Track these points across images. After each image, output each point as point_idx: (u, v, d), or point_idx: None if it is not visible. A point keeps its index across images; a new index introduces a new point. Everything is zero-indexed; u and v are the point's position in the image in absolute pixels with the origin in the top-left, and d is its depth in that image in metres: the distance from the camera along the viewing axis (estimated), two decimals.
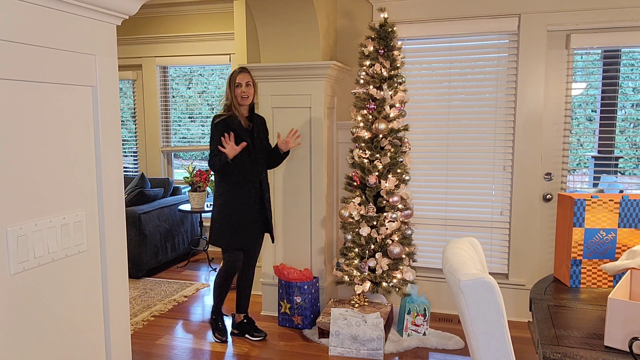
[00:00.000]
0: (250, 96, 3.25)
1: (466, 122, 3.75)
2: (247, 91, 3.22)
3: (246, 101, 3.24)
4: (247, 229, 3.26)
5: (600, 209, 2.05)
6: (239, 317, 3.51)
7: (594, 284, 2.10)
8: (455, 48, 3.73)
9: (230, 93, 3.24)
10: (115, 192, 1.43)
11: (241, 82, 3.22)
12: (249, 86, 3.24)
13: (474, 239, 1.95)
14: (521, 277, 3.71)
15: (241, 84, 3.22)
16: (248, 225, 3.26)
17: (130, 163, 6.28)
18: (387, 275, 3.34)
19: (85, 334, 1.35)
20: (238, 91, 3.22)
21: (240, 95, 3.22)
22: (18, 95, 1.12)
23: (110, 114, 1.39)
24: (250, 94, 3.25)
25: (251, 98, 3.27)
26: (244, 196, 3.23)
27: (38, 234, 1.18)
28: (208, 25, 5.66)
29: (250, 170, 3.24)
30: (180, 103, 6.04)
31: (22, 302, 1.15)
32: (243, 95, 3.22)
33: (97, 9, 1.29)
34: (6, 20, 1.07)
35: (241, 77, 3.23)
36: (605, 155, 3.56)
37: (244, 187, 3.23)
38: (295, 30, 3.54)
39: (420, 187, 3.89)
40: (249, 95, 3.24)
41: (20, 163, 1.13)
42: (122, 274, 1.47)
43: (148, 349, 3.35)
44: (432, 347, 3.32)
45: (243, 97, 3.22)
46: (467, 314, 1.51)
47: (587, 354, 1.47)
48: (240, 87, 3.22)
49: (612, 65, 3.52)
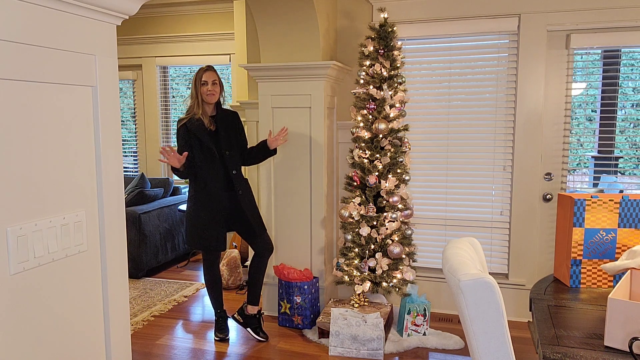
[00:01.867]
0: (216, 94, 3.22)
1: (466, 122, 3.74)
2: (213, 89, 3.20)
3: (212, 99, 3.22)
4: (215, 229, 3.26)
5: (600, 209, 2.05)
6: (252, 308, 3.47)
7: (594, 284, 2.10)
8: (455, 48, 3.73)
9: (195, 92, 3.23)
10: (115, 192, 1.43)
11: (207, 80, 3.20)
12: (215, 84, 3.22)
13: (474, 239, 1.95)
14: (521, 277, 3.71)
15: (207, 82, 3.20)
16: (215, 226, 3.26)
17: (130, 163, 6.28)
18: (387, 275, 3.34)
19: (85, 334, 1.35)
20: (204, 89, 3.20)
21: (206, 93, 3.19)
22: (18, 95, 1.12)
23: (110, 114, 1.39)
24: (216, 92, 3.23)
25: (217, 96, 3.25)
26: (210, 197, 3.24)
27: (38, 234, 1.18)
28: (208, 25, 5.67)
29: (214, 171, 3.23)
30: (180, 103, 6.04)
31: (22, 302, 1.15)
32: (209, 92, 3.19)
33: (97, 9, 1.29)
34: (6, 20, 1.07)
35: (207, 75, 3.22)
36: (605, 155, 3.56)
37: (210, 189, 3.24)
38: (295, 30, 3.54)
39: (420, 187, 3.89)
40: (215, 93, 3.22)
41: (21, 163, 1.13)
42: (122, 274, 1.47)
43: (148, 349, 3.35)
44: (432, 347, 3.32)
45: (209, 94, 3.19)
46: (467, 314, 1.51)
47: (587, 354, 1.47)
48: (206, 85, 3.20)
49: (612, 65, 3.52)
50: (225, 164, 3.26)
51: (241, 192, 3.30)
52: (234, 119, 3.39)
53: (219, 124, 3.28)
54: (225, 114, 3.35)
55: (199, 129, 3.19)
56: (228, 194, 3.30)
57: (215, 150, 3.22)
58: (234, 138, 3.33)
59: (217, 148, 3.24)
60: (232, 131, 3.34)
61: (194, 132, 3.18)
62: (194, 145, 3.22)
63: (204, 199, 3.25)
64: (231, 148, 3.29)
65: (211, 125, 3.26)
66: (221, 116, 3.32)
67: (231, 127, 3.34)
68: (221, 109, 3.36)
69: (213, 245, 3.28)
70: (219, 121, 3.29)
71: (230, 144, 3.30)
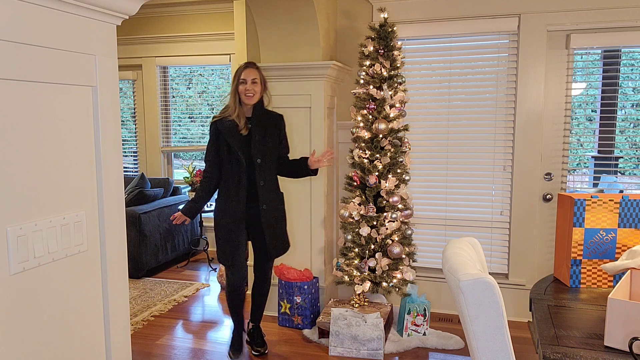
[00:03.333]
0: (255, 94, 2.92)
1: (466, 122, 3.75)
2: (253, 89, 2.90)
3: (250, 100, 2.92)
4: (234, 244, 2.98)
5: (600, 209, 2.05)
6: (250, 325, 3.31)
7: (594, 284, 2.10)
8: (455, 48, 3.73)
9: (234, 90, 2.95)
10: (115, 192, 1.43)
11: (246, 79, 2.91)
12: (255, 83, 2.91)
13: (474, 239, 1.95)
14: (521, 277, 3.71)
15: (246, 81, 2.91)
16: (234, 240, 2.98)
17: (130, 163, 6.28)
18: (387, 275, 3.34)
19: (85, 334, 1.35)
20: (241, 88, 2.91)
21: (244, 93, 2.91)
22: (18, 96, 1.12)
23: (110, 114, 1.39)
24: (256, 92, 2.92)
25: (257, 97, 2.94)
26: (231, 209, 2.96)
27: (38, 234, 1.18)
28: (208, 25, 5.66)
29: (239, 179, 2.94)
30: (180, 103, 6.04)
31: (22, 302, 1.15)
32: (247, 93, 2.90)
33: (97, 9, 1.29)
34: (6, 20, 1.07)
35: (247, 73, 2.92)
36: (605, 155, 3.56)
37: (232, 198, 2.96)
38: (295, 30, 3.54)
39: (420, 187, 3.89)
40: (255, 94, 2.91)
41: (21, 163, 1.13)
42: (122, 274, 1.47)
43: (148, 349, 3.35)
44: (432, 347, 3.32)
45: (247, 95, 2.90)
46: (467, 314, 1.51)
47: (587, 354, 1.47)
48: (244, 84, 2.91)
49: (612, 65, 3.52)
50: (253, 173, 2.95)
51: (265, 207, 2.98)
52: (276, 123, 3.06)
53: (254, 128, 2.95)
54: (265, 117, 3.02)
55: (230, 131, 2.92)
56: (250, 207, 2.99)
57: (243, 157, 2.91)
58: (270, 145, 3.00)
59: (246, 155, 2.93)
60: (270, 137, 3.01)
61: (223, 133, 2.93)
62: (222, 148, 2.96)
63: (225, 209, 2.99)
64: (264, 156, 2.96)
65: (245, 128, 2.94)
66: (259, 119, 2.99)
67: (270, 133, 3.01)
68: (262, 110, 3.03)
69: (229, 262, 3.00)
70: (255, 124, 2.96)
71: (264, 152, 2.96)
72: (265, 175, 2.98)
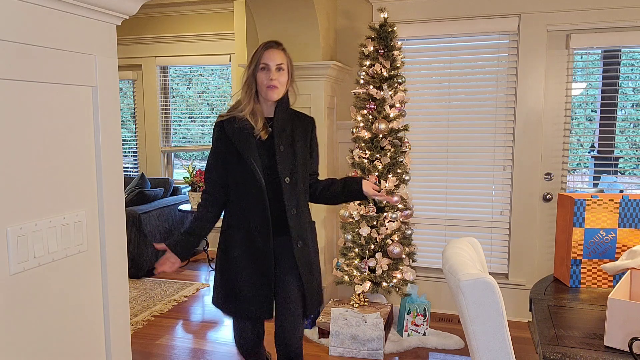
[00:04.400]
0: (281, 87, 2.03)
1: (466, 122, 3.75)
2: (278, 78, 2.01)
3: (273, 94, 2.02)
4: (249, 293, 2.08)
5: (600, 209, 2.05)
6: None
7: (594, 284, 2.10)
8: (455, 48, 3.73)
9: (250, 78, 2.05)
10: (115, 192, 1.43)
11: (269, 64, 2.00)
12: (281, 71, 2.02)
13: (474, 239, 1.95)
14: (521, 277, 3.71)
15: (269, 66, 2.00)
16: (250, 288, 2.08)
17: (130, 163, 6.28)
18: (387, 275, 3.34)
19: (85, 334, 1.35)
20: (262, 77, 2.01)
21: (266, 84, 2.00)
22: (18, 95, 1.12)
23: (110, 114, 1.39)
24: (282, 84, 2.03)
25: (282, 90, 2.05)
26: (245, 246, 2.07)
27: (38, 234, 1.18)
28: (208, 25, 5.67)
29: (255, 205, 2.03)
30: (180, 103, 6.04)
31: (22, 302, 1.15)
32: (270, 84, 1.99)
33: (97, 9, 1.29)
34: (6, 20, 1.07)
35: (270, 55, 2.01)
36: (605, 155, 3.56)
37: (248, 233, 2.06)
38: (295, 30, 3.54)
39: (420, 187, 3.89)
40: (279, 86, 2.02)
41: (20, 163, 1.13)
42: (122, 274, 1.47)
43: (148, 349, 3.35)
44: (432, 347, 3.32)
45: (270, 87, 2.00)
46: (467, 314, 1.51)
47: (587, 354, 1.47)
48: (266, 71, 2.01)
49: (612, 65, 3.52)
50: (280, 198, 2.05)
51: (300, 245, 2.09)
52: (305, 128, 2.16)
53: (277, 133, 2.05)
54: (291, 118, 2.13)
55: (241, 135, 2.02)
56: (277, 243, 2.08)
57: (261, 174, 2.01)
58: (300, 157, 2.10)
59: (268, 170, 2.04)
60: (300, 147, 2.11)
61: (232, 139, 2.03)
62: (230, 159, 2.06)
63: (235, 245, 2.08)
64: (294, 172, 2.07)
65: (264, 132, 2.04)
66: (284, 121, 2.09)
67: (299, 141, 2.11)
68: (287, 109, 2.13)
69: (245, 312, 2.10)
70: (279, 128, 2.06)
71: (294, 166, 2.07)
72: (299, 200, 2.09)
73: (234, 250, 2.08)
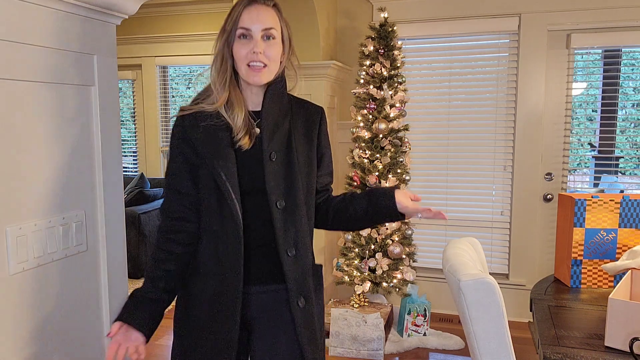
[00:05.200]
0: (270, 64, 1.33)
1: (466, 122, 3.74)
2: (265, 51, 1.30)
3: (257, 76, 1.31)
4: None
5: (600, 209, 2.05)
6: None
7: (595, 284, 2.09)
8: (455, 48, 3.73)
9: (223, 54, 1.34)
10: (115, 192, 1.42)
11: (250, 28, 1.29)
12: (270, 40, 1.32)
13: (474, 239, 1.95)
14: (521, 277, 3.70)
15: (251, 33, 1.29)
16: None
17: (130, 163, 6.28)
18: (387, 275, 3.34)
19: (85, 334, 1.35)
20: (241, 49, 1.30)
21: (247, 61, 1.30)
22: (18, 95, 1.12)
23: (110, 114, 1.38)
24: (272, 60, 1.33)
25: (273, 68, 1.35)
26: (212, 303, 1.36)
27: (38, 234, 1.17)
28: (208, 25, 5.66)
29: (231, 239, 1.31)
30: (180, 103, 6.04)
31: (22, 303, 1.15)
32: (254, 60, 1.29)
33: (97, 9, 1.29)
34: (6, 20, 1.07)
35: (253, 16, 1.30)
36: (606, 155, 3.56)
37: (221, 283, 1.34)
38: (295, 30, 3.50)
39: (421, 187, 3.89)
40: (267, 62, 1.31)
41: (20, 163, 1.13)
42: (122, 274, 1.47)
43: (148, 349, 3.33)
44: (432, 348, 3.31)
45: (253, 65, 1.30)
46: (467, 314, 1.50)
47: (588, 354, 1.47)
48: (247, 40, 1.30)
49: (613, 65, 3.51)
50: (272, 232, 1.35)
51: (302, 303, 1.38)
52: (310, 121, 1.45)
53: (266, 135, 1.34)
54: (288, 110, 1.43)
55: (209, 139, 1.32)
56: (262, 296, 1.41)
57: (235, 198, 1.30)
58: (302, 168, 1.39)
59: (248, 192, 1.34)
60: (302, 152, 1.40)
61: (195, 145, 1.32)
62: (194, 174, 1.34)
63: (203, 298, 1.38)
64: (290, 194, 1.36)
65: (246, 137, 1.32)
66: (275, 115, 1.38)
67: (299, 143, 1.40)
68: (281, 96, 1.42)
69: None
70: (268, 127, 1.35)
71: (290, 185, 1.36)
72: (298, 234, 1.38)
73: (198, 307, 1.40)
